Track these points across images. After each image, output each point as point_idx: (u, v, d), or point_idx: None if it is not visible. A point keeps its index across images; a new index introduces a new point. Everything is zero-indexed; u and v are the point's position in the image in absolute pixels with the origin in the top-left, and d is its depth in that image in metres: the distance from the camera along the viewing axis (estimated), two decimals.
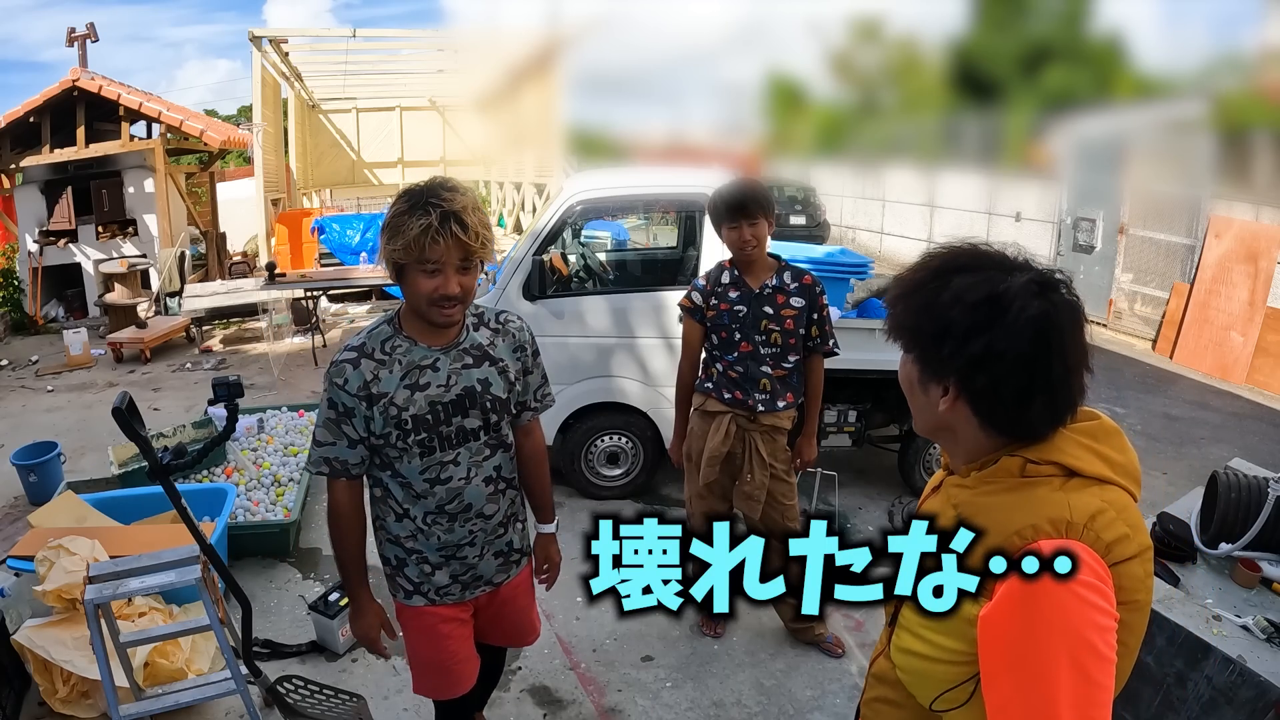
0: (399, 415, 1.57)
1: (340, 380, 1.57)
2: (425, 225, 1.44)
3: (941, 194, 10.94)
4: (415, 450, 1.61)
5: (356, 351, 1.59)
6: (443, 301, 1.52)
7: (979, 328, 0.93)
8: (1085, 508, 0.90)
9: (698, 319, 2.68)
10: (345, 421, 1.59)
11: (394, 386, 1.58)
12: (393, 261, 1.52)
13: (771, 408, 2.66)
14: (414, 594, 1.76)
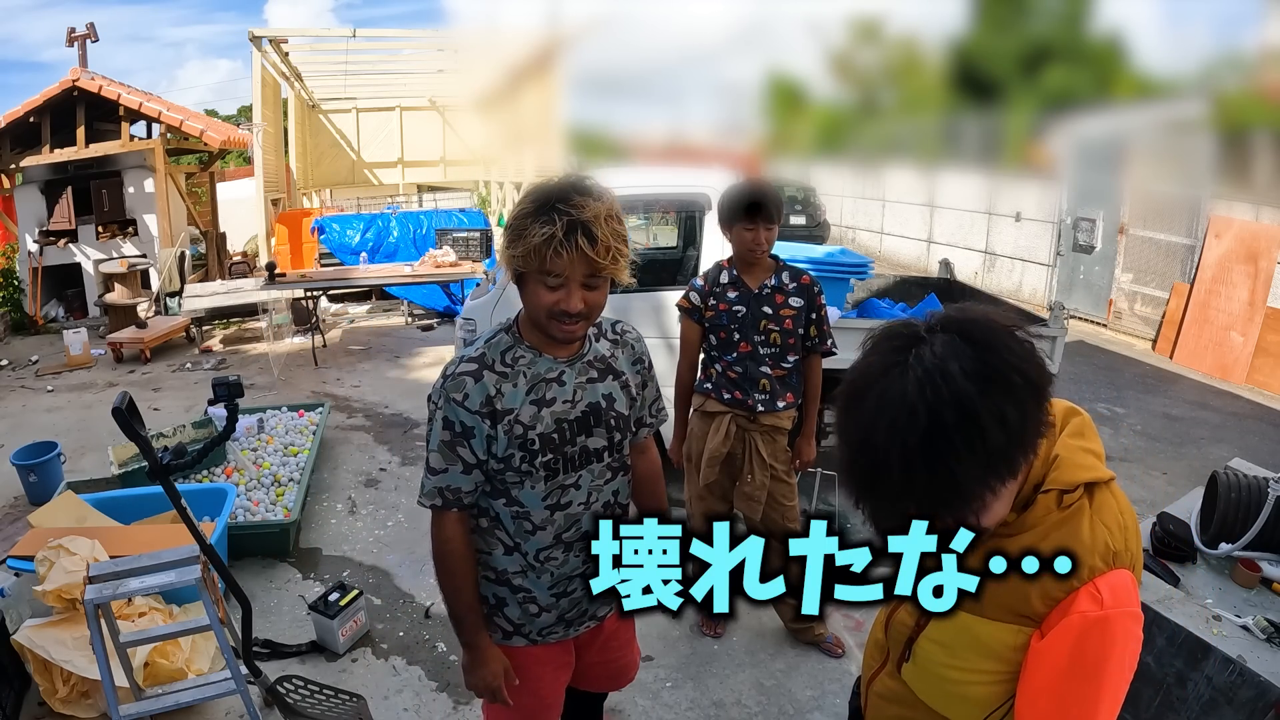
0: (525, 435, 1.41)
1: (459, 395, 1.39)
2: (548, 235, 1.28)
3: (941, 194, 10.94)
4: (540, 473, 1.45)
5: (477, 363, 1.42)
6: (563, 317, 1.36)
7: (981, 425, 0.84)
8: (1117, 524, 0.94)
9: (696, 319, 2.67)
10: (462, 443, 1.42)
11: (520, 402, 1.42)
12: (512, 267, 1.37)
13: (771, 408, 2.65)
14: (514, 635, 1.59)
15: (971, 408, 0.82)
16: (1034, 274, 9.23)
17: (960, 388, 0.82)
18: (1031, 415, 0.86)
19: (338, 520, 3.96)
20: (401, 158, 12.90)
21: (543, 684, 1.64)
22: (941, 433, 0.82)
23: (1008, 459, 0.85)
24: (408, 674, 2.80)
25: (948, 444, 0.82)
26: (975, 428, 0.82)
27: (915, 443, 0.82)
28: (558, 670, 1.66)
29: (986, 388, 0.83)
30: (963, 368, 0.83)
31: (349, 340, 7.78)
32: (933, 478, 0.83)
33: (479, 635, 1.53)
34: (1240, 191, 6.20)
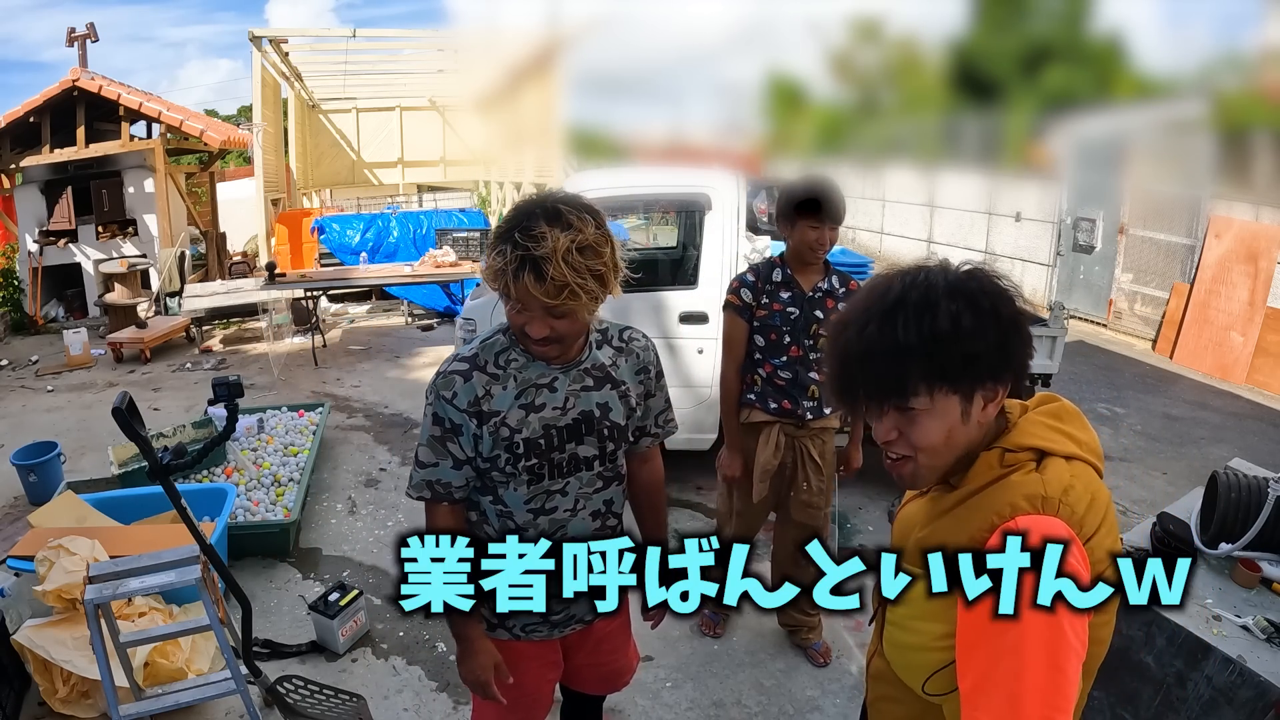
0: (510, 437, 1.42)
1: (449, 394, 1.42)
2: (500, 267, 1.29)
3: (941, 194, 10.94)
4: (524, 477, 1.46)
5: (468, 363, 1.43)
6: (527, 340, 1.38)
7: (974, 325, 0.94)
8: (1058, 482, 0.95)
9: (745, 317, 2.51)
10: (452, 439, 1.44)
11: (508, 405, 1.42)
12: (487, 282, 1.37)
13: (820, 414, 2.55)
14: (498, 628, 1.60)
15: (934, 296, 0.94)
16: (1034, 274, 9.23)
17: (933, 283, 0.96)
18: (985, 333, 0.94)
19: (338, 520, 3.96)
20: (401, 158, 12.90)
21: (527, 678, 1.64)
22: (900, 306, 0.94)
23: (950, 358, 0.93)
24: (408, 674, 2.80)
25: (902, 315, 0.94)
26: (929, 311, 0.93)
27: (878, 310, 0.96)
28: (544, 668, 1.67)
29: (954, 292, 0.95)
30: (945, 279, 0.97)
31: (349, 340, 7.78)
32: (881, 341, 0.94)
33: (469, 626, 1.52)
34: (1240, 191, 6.20)
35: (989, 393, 0.97)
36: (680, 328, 3.79)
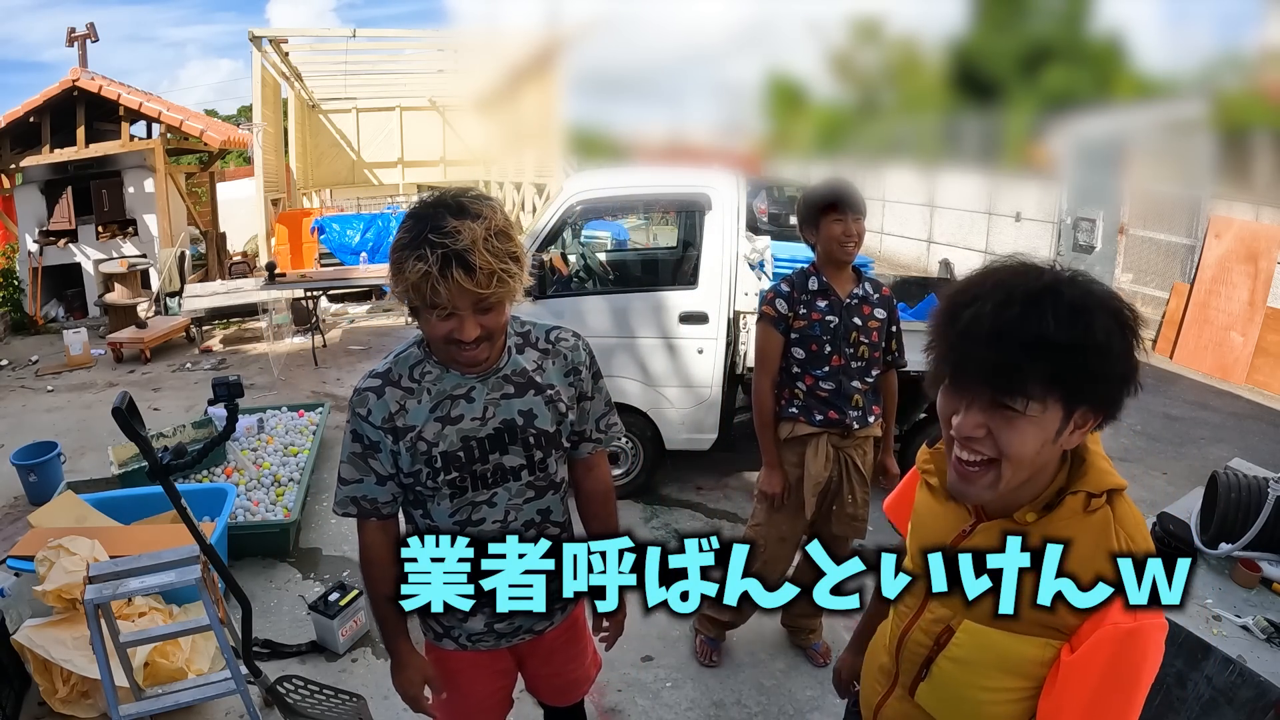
0: (428, 451, 1.38)
1: (363, 411, 1.39)
2: (423, 271, 1.20)
3: (941, 194, 10.94)
4: (445, 491, 1.41)
5: (380, 379, 1.40)
6: (459, 345, 1.31)
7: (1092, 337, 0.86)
8: (1142, 537, 0.95)
9: (781, 329, 2.42)
10: (372, 456, 1.42)
11: (423, 419, 1.38)
12: (401, 300, 1.31)
13: (864, 423, 2.48)
14: (444, 637, 1.59)
15: (1091, 301, 0.87)
16: None
17: (1089, 287, 0.89)
18: (1123, 361, 0.88)
19: (338, 520, 3.96)
20: (401, 158, 12.90)
21: (475, 687, 1.63)
22: (1053, 296, 0.86)
23: (1085, 371, 0.86)
24: None
25: (1053, 307, 0.85)
26: (1085, 315, 0.85)
27: (1022, 292, 0.87)
28: (493, 676, 1.65)
29: (1108, 306, 0.88)
30: (1098, 287, 0.89)
31: (349, 340, 7.78)
32: (1021, 326, 0.85)
33: (397, 641, 1.52)
34: (1240, 191, 6.20)
35: (1084, 420, 0.91)
36: (680, 328, 3.79)
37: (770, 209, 11.58)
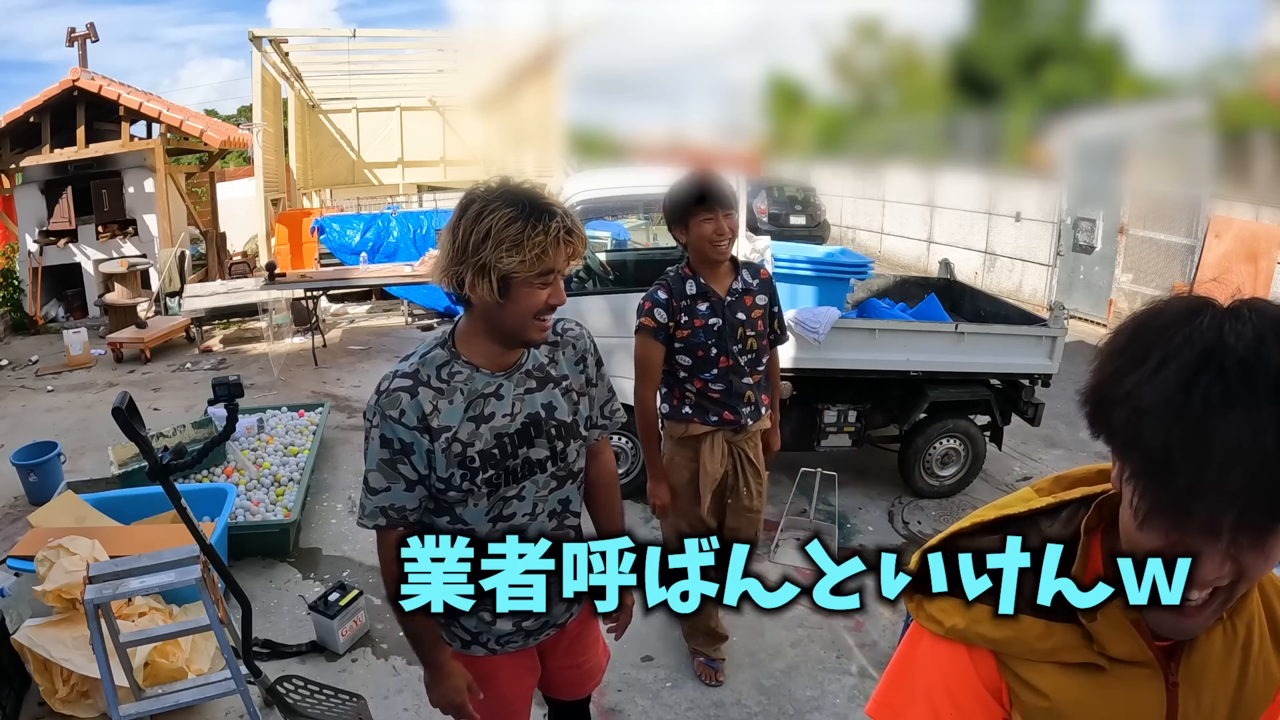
0: (464, 452, 1.38)
1: (395, 413, 1.35)
2: (559, 230, 1.29)
3: (941, 194, 10.95)
4: (483, 490, 1.42)
5: (411, 379, 1.38)
6: (548, 313, 1.37)
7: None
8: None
9: (661, 339, 2.34)
10: (402, 460, 1.38)
11: (458, 420, 1.38)
12: (501, 277, 1.30)
13: (757, 417, 2.48)
14: (472, 644, 1.56)
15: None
16: (1034, 274, 9.23)
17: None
18: None
19: (338, 520, 3.96)
20: (401, 158, 12.90)
21: (507, 690, 1.62)
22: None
23: None
24: (408, 674, 2.80)
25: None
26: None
27: (1269, 389, 0.62)
28: (522, 674, 1.65)
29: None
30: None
31: (349, 340, 7.78)
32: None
33: (437, 651, 1.50)
34: (1240, 192, 6.20)
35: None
36: None
37: (770, 209, 11.59)
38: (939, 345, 3.91)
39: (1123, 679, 0.79)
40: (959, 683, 0.82)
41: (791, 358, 3.90)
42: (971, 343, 3.92)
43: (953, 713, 0.82)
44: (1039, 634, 0.79)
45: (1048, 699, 0.80)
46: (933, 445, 4.06)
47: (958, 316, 4.64)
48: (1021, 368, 4.02)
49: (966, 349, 3.92)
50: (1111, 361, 0.71)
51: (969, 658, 0.82)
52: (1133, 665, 0.79)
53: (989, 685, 0.82)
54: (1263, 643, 0.83)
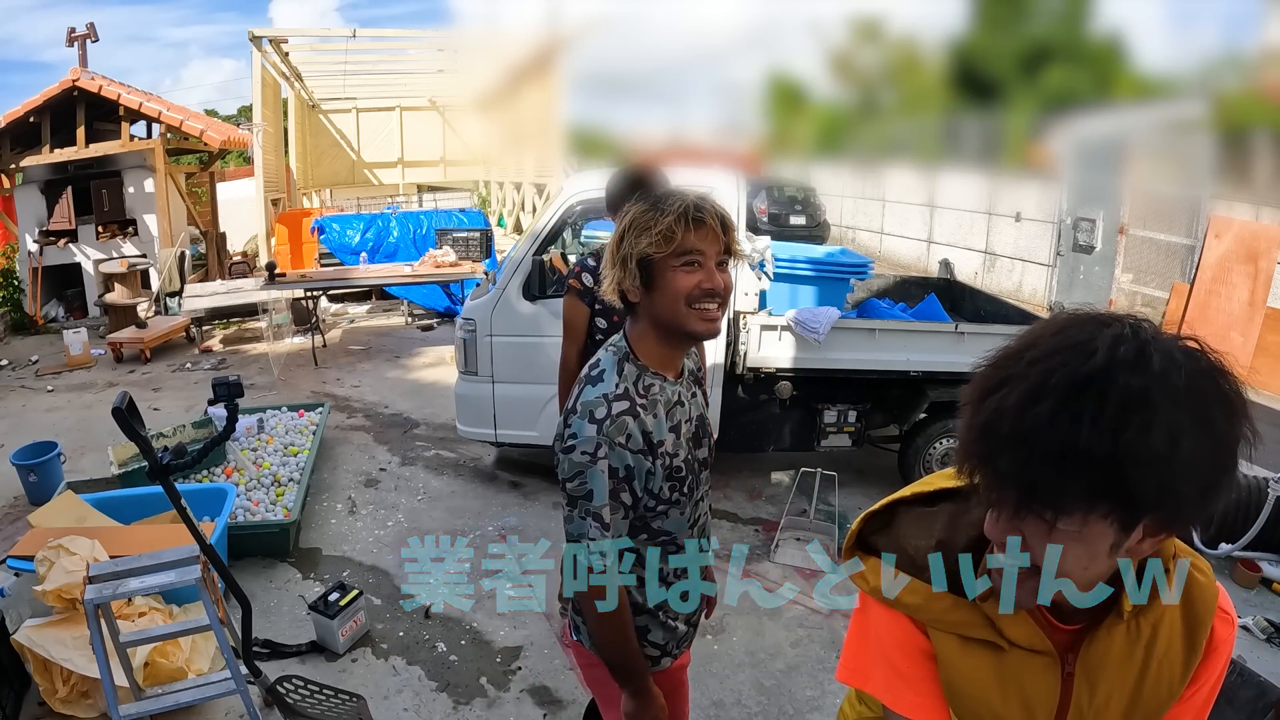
0: (670, 464, 1.38)
1: (623, 438, 1.31)
2: (686, 209, 1.30)
3: (941, 194, 10.94)
4: (685, 499, 1.43)
5: (628, 400, 1.34)
6: (705, 297, 1.33)
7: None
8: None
9: (586, 301, 2.53)
10: (624, 488, 1.33)
11: (664, 432, 1.37)
12: (641, 260, 1.32)
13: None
14: (662, 657, 1.54)
15: (1154, 393, 0.67)
16: (1034, 274, 9.23)
17: (1157, 368, 0.69)
18: (1202, 468, 0.71)
19: (338, 520, 3.96)
20: (401, 158, 12.91)
21: (682, 689, 1.65)
22: (1097, 386, 0.67)
23: (1141, 486, 0.68)
24: (408, 674, 2.80)
25: (1095, 404, 0.66)
26: (1142, 412, 0.66)
27: (1060, 382, 0.68)
28: (683, 673, 1.68)
29: (1183, 395, 0.69)
30: (1173, 365, 0.70)
31: (349, 340, 7.78)
32: (1051, 433, 0.67)
33: (649, 679, 1.46)
34: (1240, 192, 6.20)
35: (1156, 529, 0.74)
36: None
37: (770, 209, 11.59)
38: (939, 345, 3.91)
39: (1021, 663, 0.83)
40: (907, 641, 0.88)
41: (792, 358, 3.90)
42: (971, 343, 3.92)
43: (908, 666, 0.88)
44: (947, 606, 0.84)
45: (947, 669, 0.86)
46: (933, 445, 4.05)
47: (958, 316, 4.64)
48: None
49: (966, 349, 3.92)
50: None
51: (910, 621, 0.87)
52: (1031, 652, 0.82)
53: (926, 649, 0.88)
54: (1171, 644, 0.85)
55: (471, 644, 2.97)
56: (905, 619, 0.87)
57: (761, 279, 4.20)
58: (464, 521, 3.92)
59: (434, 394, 5.89)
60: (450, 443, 4.88)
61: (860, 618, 0.93)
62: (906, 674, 0.87)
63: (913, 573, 0.85)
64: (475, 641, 2.99)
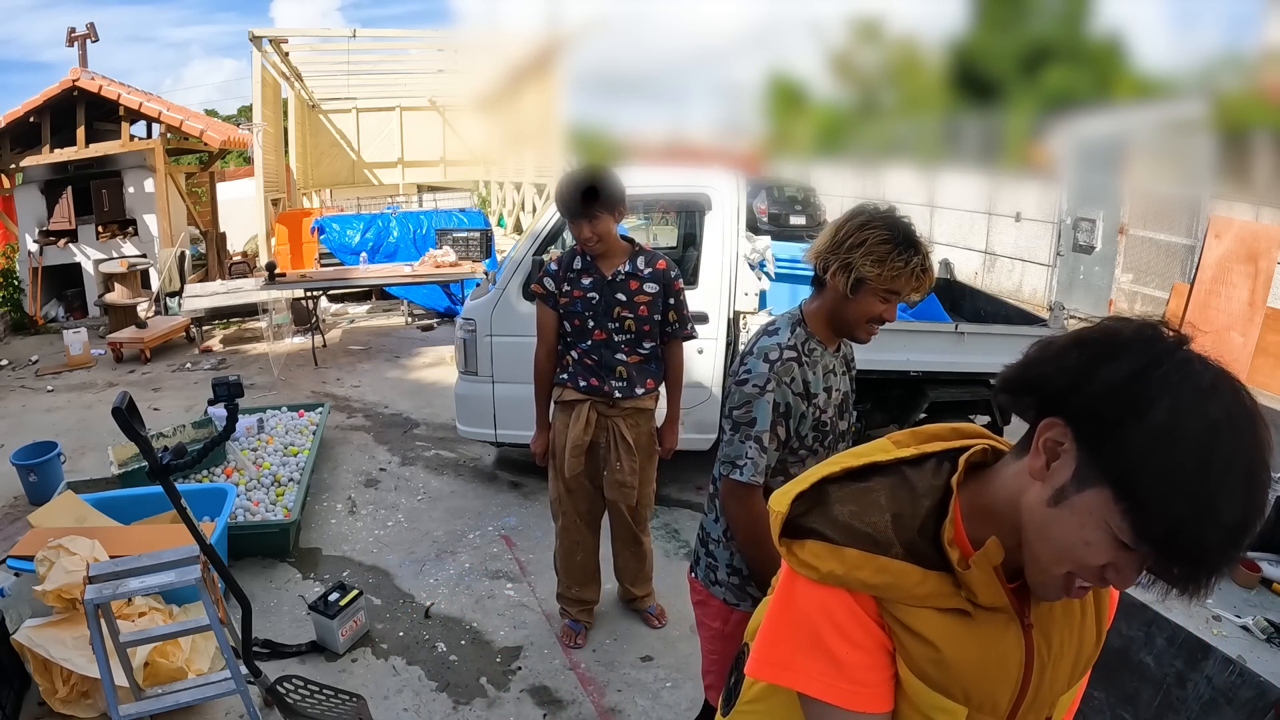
0: (819, 415, 1.63)
1: (789, 379, 1.59)
2: (917, 265, 1.50)
3: (941, 194, 10.94)
4: (824, 452, 1.66)
5: (796, 351, 1.61)
6: (879, 323, 1.61)
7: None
8: None
9: (550, 305, 2.61)
10: (782, 423, 1.60)
11: (819, 388, 1.63)
12: (857, 278, 1.53)
13: (629, 394, 2.62)
14: (744, 600, 1.74)
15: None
16: (1034, 274, 9.23)
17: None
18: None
19: (338, 520, 3.96)
20: (401, 158, 12.91)
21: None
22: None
23: None
24: (408, 674, 2.81)
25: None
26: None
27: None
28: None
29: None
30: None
31: (349, 340, 7.78)
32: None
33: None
34: (1240, 192, 6.20)
35: None
36: None
37: (770, 209, 11.58)
38: (939, 345, 3.91)
39: (988, 623, 0.83)
40: (848, 619, 0.83)
41: None
42: (971, 343, 3.92)
43: (850, 650, 0.82)
44: (916, 580, 0.81)
45: (932, 644, 0.82)
46: None
47: (958, 316, 4.64)
48: None
49: (966, 349, 3.92)
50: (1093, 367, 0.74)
51: (851, 596, 0.83)
52: (993, 611, 0.83)
53: (876, 620, 0.83)
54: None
55: (471, 644, 2.97)
56: (850, 602, 0.82)
57: (762, 279, 4.20)
58: (464, 521, 3.92)
59: (434, 394, 5.89)
60: (450, 443, 4.88)
61: (784, 606, 0.87)
62: (848, 662, 0.82)
63: (873, 551, 0.82)
64: (475, 641, 2.99)
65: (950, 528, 0.83)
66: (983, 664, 0.84)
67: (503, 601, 3.24)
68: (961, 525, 0.84)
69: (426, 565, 3.52)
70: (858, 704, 0.82)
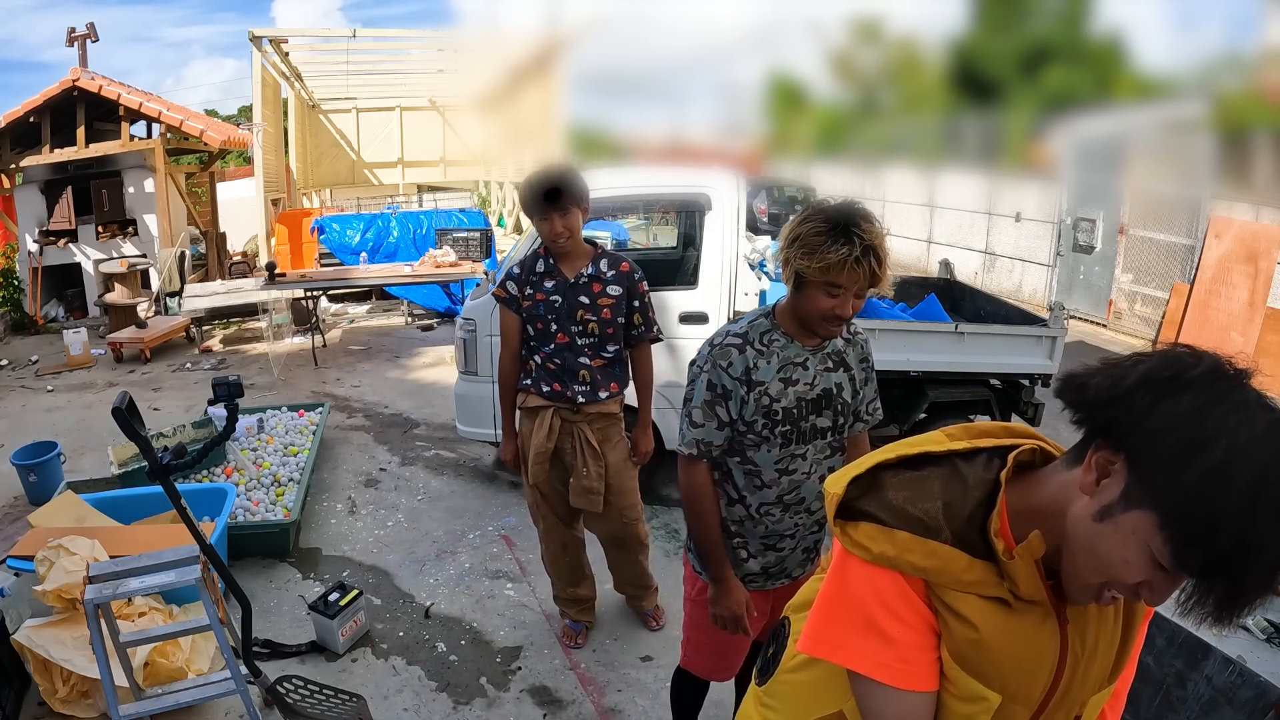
0: (770, 405, 1.66)
1: (725, 363, 1.65)
2: (846, 254, 1.48)
3: (941, 194, 10.94)
4: (777, 440, 1.69)
5: (741, 339, 1.66)
6: (835, 321, 1.59)
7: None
8: None
9: (514, 309, 2.56)
10: (721, 404, 1.67)
11: (770, 377, 1.66)
12: (795, 272, 1.56)
13: (593, 398, 2.57)
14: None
15: None
16: (1034, 274, 9.23)
17: None
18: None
19: (338, 520, 3.96)
20: (401, 158, 12.90)
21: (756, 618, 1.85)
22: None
23: None
24: (408, 674, 2.81)
25: None
26: None
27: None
28: (756, 617, 1.85)
29: None
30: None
31: (349, 340, 7.78)
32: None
33: (725, 568, 1.76)
34: (1240, 192, 6.20)
35: None
36: (680, 328, 3.79)
37: (770, 209, 11.58)
38: (939, 345, 3.90)
39: (1027, 615, 0.86)
40: (899, 599, 0.86)
41: None
42: (971, 343, 3.92)
43: (900, 628, 0.86)
44: (964, 566, 0.85)
45: (976, 629, 0.85)
46: None
47: (958, 316, 4.64)
48: (1021, 368, 4.01)
49: (966, 349, 3.92)
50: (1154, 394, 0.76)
51: (903, 578, 0.86)
52: (1032, 604, 0.86)
53: (925, 601, 0.86)
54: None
55: (471, 644, 2.97)
56: (901, 583, 0.85)
57: (761, 279, 4.21)
58: (464, 521, 3.92)
59: (434, 394, 5.89)
60: (450, 443, 4.88)
61: (837, 585, 0.91)
62: (899, 641, 0.85)
63: (924, 535, 0.85)
64: (475, 641, 2.99)
65: (997, 519, 0.85)
66: (1020, 654, 0.86)
67: (503, 601, 3.24)
68: (1007, 520, 0.86)
69: (426, 565, 3.52)
70: (907, 682, 0.86)
